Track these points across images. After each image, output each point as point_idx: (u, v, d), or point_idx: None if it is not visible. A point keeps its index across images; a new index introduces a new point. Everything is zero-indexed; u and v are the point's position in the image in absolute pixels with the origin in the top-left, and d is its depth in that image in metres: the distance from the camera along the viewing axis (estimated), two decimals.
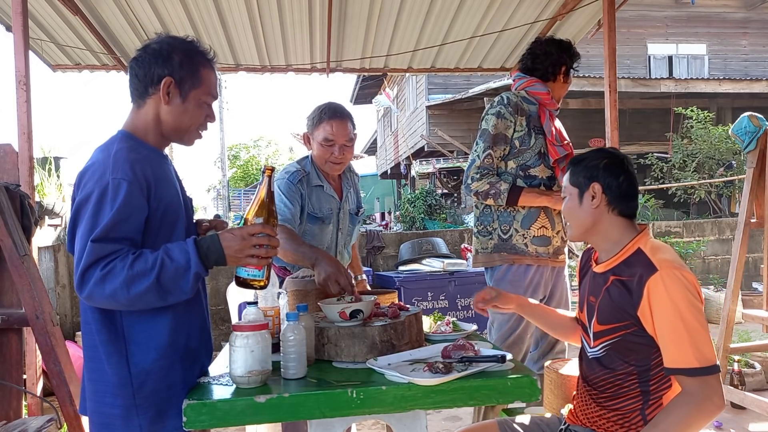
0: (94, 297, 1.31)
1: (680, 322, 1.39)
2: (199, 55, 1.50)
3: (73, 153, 10.25)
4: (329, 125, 2.29)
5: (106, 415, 1.41)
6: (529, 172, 2.45)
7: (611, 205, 1.57)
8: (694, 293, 1.42)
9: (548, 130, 2.46)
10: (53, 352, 2.22)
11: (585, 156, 1.65)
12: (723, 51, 14.60)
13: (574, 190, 1.62)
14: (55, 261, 4.98)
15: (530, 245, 2.44)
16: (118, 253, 1.32)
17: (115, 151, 1.39)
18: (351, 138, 2.35)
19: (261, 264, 1.45)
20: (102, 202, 1.33)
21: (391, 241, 6.50)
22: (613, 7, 3.39)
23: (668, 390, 1.49)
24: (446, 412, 3.70)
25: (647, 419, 1.49)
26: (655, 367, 1.48)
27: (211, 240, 1.39)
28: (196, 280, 1.36)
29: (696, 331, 1.39)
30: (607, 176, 1.57)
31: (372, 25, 4.10)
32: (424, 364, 1.49)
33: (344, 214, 2.48)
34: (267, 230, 1.43)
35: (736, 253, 3.63)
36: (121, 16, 3.77)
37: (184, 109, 1.49)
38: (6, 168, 2.54)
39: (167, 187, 1.47)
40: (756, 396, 3.40)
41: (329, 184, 2.42)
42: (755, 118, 3.57)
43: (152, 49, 1.47)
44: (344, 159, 2.35)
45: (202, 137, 1.59)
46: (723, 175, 9.02)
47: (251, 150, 32.91)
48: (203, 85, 1.50)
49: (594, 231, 1.61)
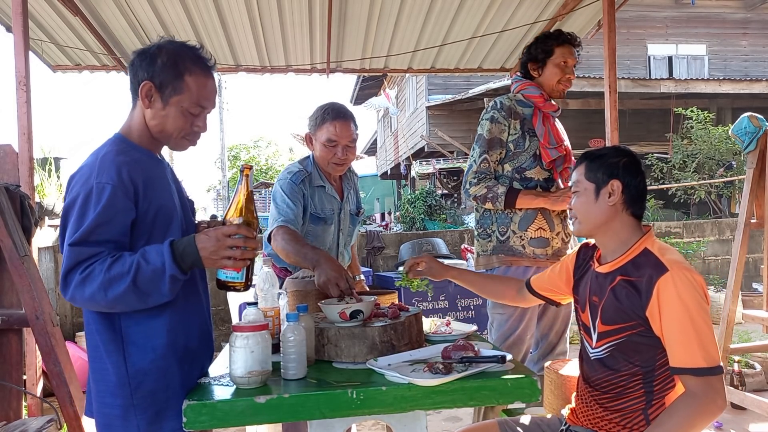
0: (76, 299, 1.33)
1: (689, 322, 1.40)
2: (187, 60, 1.45)
3: (73, 153, 10.26)
4: (332, 126, 2.28)
5: (107, 416, 1.41)
6: (524, 175, 2.46)
7: (626, 204, 1.58)
8: (702, 295, 1.43)
9: (540, 132, 2.47)
10: (53, 353, 2.22)
11: (602, 152, 1.64)
12: (723, 51, 14.59)
13: (591, 185, 1.60)
14: (55, 261, 4.98)
15: (527, 247, 2.44)
16: (98, 257, 1.32)
17: (103, 154, 1.40)
18: (354, 138, 2.34)
19: (238, 266, 1.42)
20: (86, 206, 1.33)
21: (391, 242, 6.50)
22: (613, 7, 3.39)
23: (671, 390, 1.49)
24: (446, 413, 3.70)
25: (650, 419, 1.48)
26: (660, 367, 1.48)
27: (187, 242, 1.37)
28: (172, 282, 1.35)
29: (704, 332, 1.40)
30: (626, 175, 1.57)
31: (372, 26, 4.10)
32: (424, 364, 1.49)
33: (345, 214, 2.48)
34: (242, 230, 1.40)
35: (736, 254, 3.63)
36: (122, 17, 3.77)
37: (165, 115, 1.45)
38: (6, 168, 2.54)
39: (160, 189, 1.46)
40: (756, 396, 3.40)
41: (331, 184, 2.42)
42: (755, 118, 3.57)
43: (148, 51, 1.46)
44: (347, 160, 2.35)
45: (195, 145, 1.55)
46: (723, 176, 9.02)
47: (251, 150, 32.93)
48: (186, 93, 1.45)
49: (605, 228, 1.60)
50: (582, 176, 1.63)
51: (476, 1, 3.86)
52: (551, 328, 2.58)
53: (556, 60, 2.49)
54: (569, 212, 1.73)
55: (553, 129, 2.52)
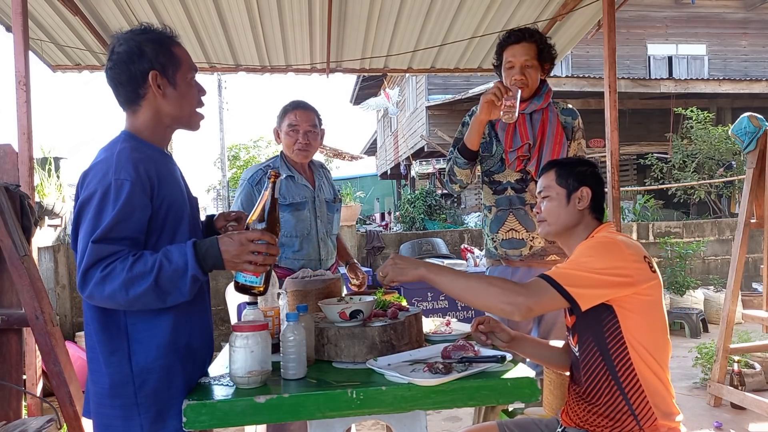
0: (95, 297, 1.32)
1: (571, 258, 1.57)
2: (165, 38, 1.50)
3: (73, 153, 10.27)
4: (293, 114, 2.54)
5: (106, 416, 1.41)
6: (493, 178, 2.47)
7: (591, 209, 1.71)
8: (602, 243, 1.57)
9: (502, 138, 2.45)
10: (53, 353, 2.21)
11: (570, 162, 1.78)
12: (723, 51, 14.60)
13: (562, 190, 1.72)
14: (55, 261, 4.98)
15: (499, 248, 2.46)
16: (119, 254, 1.32)
17: (118, 150, 1.40)
18: (315, 125, 2.56)
19: (258, 271, 1.43)
20: (104, 203, 1.33)
21: (391, 242, 6.50)
22: (613, 7, 3.38)
23: (640, 380, 1.51)
24: (446, 413, 3.70)
25: (635, 411, 1.51)
26: (610, 334, 1.53)
27: (210, 243, 1.39)
28: (193, 282, 1.36)
29: (573, 263, 1.53)
30: (594, 183, 1.72)
31: (372, 26, 4.09)
32: (424, 364, 1.49)
33: (320, 202, 2.63)
34: (266, 237, 1.42)
35: (736, 254, 3.64)
36: (121, 17, 3.77)
37: (180, 95, 1.50)
38: (6, 168, 2.54)
39: (171, 186, 1.47)
40: (756, 396, 3.40)
41: (300, 174, 2.60)
42: (755, 118, 3.57)
43: (121, 51, 1.45)
44: (309, 145, 2.54)
45: (204, 117, 1.60)
46: (723, 176, 9.02)
47: (251, 150, 32.86)
48: (183, 64, 1.51)
49: (572, 231, 1.71)
50: (552, 182, 1.74)
51: (476, 1, 3.85)
52: (550, 332, 2.56)
53: (505, 64, 2.44)
54: (537, 215, 1.78)
55: (521, 128, 2.42)
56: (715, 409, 3.72)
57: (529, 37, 2.40)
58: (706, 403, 3.80)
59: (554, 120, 2.46)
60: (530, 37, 2.40)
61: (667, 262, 7.03)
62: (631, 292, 1.51)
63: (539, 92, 2.45)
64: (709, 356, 4.10)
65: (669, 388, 1.55)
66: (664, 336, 1.57)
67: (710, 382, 3.78)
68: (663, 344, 1.56)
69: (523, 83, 2.38)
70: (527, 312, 1.47)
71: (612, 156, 3.31)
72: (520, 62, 2.39)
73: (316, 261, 2.56)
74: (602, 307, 1.53)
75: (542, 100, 2.44)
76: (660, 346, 1.55)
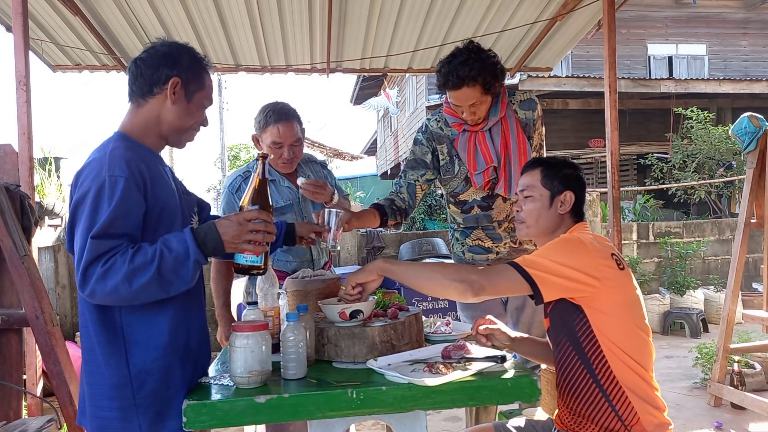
0: (96, 294, 1.31)
1: (538, 251, 1.59)
2: (202, 61, 1.57)
3: (73, 153, 10.27)
4: (275, 129, 2.32)
5: (104, 419, 1.40)
6: (458, 198, 2.40)
7: (571, 213, 1.71)
8: (567, 240, 1.58)
9: (464, 158, 2.30)
10: (53, 353, 2.22)
11: (556, 162, 1.74)
12: (723, 51, 14.59)
13: (546, 192, 1.70)
14: (55, 261, 4.98)
15: (467, 253, 2.47)
16: (118, 249, 1.32)
17: (111, 149, 1.41)
18: (298, 138, 2.38)
19: (258, 250, 1.47)
20: (99, 199, 1.33)
21: (392, 242, 6.50)
22: (613, 7, 3.38)
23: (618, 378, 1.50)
24: (446, 413, 3.70)
25: (617, 410, 1.50)
26: (582, 333, 1.53)
27: (208, 227, 1.41)
28: (196, 268, 1.38)
29: (537, 254, 1.56)
30: (577, 187, 1.71)
31: (372, 26, 4.09)
32: (424, 364, 1.49)
33: (305, 200, 2.49)
34: (263, 216, 1.45)
35: (736, 254, 3.64)
36: (121, 17, 3.77)
37: (188, 110, 1.53)
38: (6, 168, 2.54)
39: (163, 188, 1.47)
40: (756, 396, 3.41)
41: (282, 176, 2.47)
42: (755, 118, 3.57)
43: (161, 50, 1.50)
44: (294, 158, 2.40)
45: (193, 140, 1.63)
46: (723, 176, 9.02)
47: (251, 150, 32.84)
48: (206, 89, 1.57)
49: (552, 235, 1.69)
50: (538, 182, 1.71)
51: (476, 1, 3.85)
52: (531, 324, 2.51)
53: (450, 99, 2.24)
54: (516, 213, 1.77)
55: (482, 147, 2.28)
56: (716, 409, 3.72)
57: (470, 81, 2.11)
58: (707, 403, 3.80)
59: (514, 126, 2.29)
60: (471, 80, 2.10)
61: (667, 262, 7.03)
62: (597, 290, 1.50)
63: (493, 102, 2.26)
64: (709, 356, 4.10)
65: (651, 382, 1.54)
66: (641, 332, 1.55)
67: (710, 382, 3.78)
68: (640, 341, 1.54)
69: (475, 119, 2.24)
70: (480, 290, 1.47)
71: (612, 156, 3.31)
72: (466, 105, 2.18)
73: (308, 262, 2.53)
74: (571, 307, 1.53)
75: (499, 110, 2.27)
76: (637, 344, 1.53)
